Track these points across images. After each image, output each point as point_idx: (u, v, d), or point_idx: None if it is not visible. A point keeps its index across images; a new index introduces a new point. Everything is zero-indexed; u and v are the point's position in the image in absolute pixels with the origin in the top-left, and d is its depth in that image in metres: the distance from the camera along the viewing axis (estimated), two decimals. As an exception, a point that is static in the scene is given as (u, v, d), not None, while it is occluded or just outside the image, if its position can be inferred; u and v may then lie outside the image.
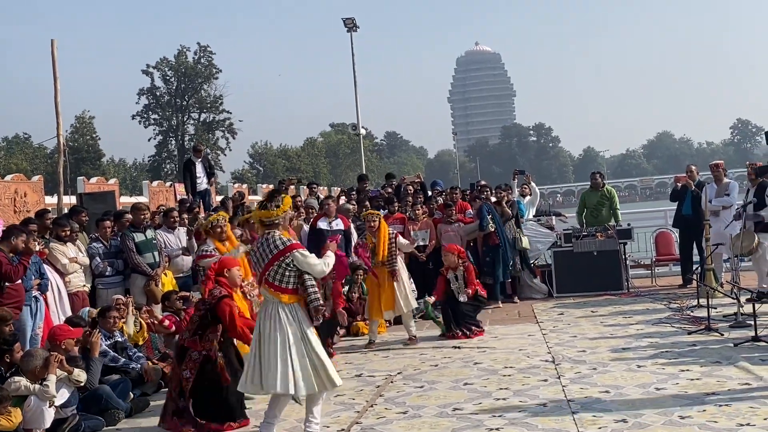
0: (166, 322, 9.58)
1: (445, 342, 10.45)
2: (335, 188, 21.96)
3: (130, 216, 11.03)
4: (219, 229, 9.48)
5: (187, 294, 10.28)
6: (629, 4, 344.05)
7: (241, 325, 6.89)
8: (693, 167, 14.17)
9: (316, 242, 12.70)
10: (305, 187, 17.70)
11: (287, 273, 6.43)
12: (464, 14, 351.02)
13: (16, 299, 8.43)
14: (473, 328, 10.83)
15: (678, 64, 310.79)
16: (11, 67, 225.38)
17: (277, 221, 6.60)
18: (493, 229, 13.17)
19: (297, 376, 6.25)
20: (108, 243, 10.58)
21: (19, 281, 8.51)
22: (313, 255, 6.62)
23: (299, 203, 13.53)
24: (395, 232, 11.17)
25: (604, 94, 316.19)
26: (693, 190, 13.31)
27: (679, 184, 13.85)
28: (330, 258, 6.68)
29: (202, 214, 13.46)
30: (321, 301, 6.47)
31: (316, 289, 6.49)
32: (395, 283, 10.56)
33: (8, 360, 7.21)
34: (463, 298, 10.90)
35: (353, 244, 12.57)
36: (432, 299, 11.11)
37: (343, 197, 16.19)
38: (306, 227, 13.08)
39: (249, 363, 6.47)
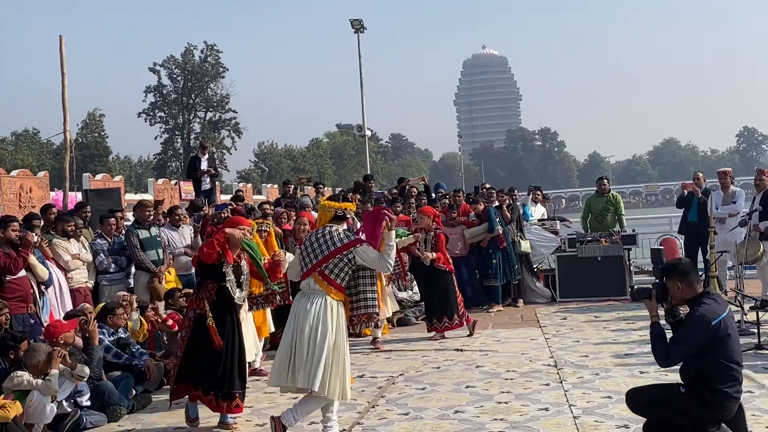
0: (170, 321, 9.59)
1: (447, 344, 10.45)
2: (339, 189, 21.97)
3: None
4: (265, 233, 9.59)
5: (191, 291, 10.27)
6: (636, 10, 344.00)
7: (212, 249, 6.70)
8: (700, 174, 14.16)
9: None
10: (311, 187, 17.72)
11: (345, 269, 6.36)
12: (471, 17, 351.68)
13: (20, 293, 8.42)
14: (445, 320, 10.91)
15: (685, 71, 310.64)
16: (21, 63, 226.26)
17: (348, 215, 6.59)
18: (500, 232, 13.19)
19: (324, 374, 6.15)
20: (112, 239, 10.60)
21: (24, 273, 8.51)
22: (375, 251, 6.44)
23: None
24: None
25: (610, 99, 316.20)
26: (699, 198, 13.29)
27: (686, 191, 13.82)
28: (390, 249, 6.45)
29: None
30: (377, 309, 6.40)
31: (375, 296, 6.40)
32: (384, 287, 10.54)
33: (13, 357, 7.23)
34: (426, 262, 10.96)
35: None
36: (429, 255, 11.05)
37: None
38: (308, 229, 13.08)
39: (281, 353, 6.35)
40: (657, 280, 5.65)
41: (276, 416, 6.30)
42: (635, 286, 6.02)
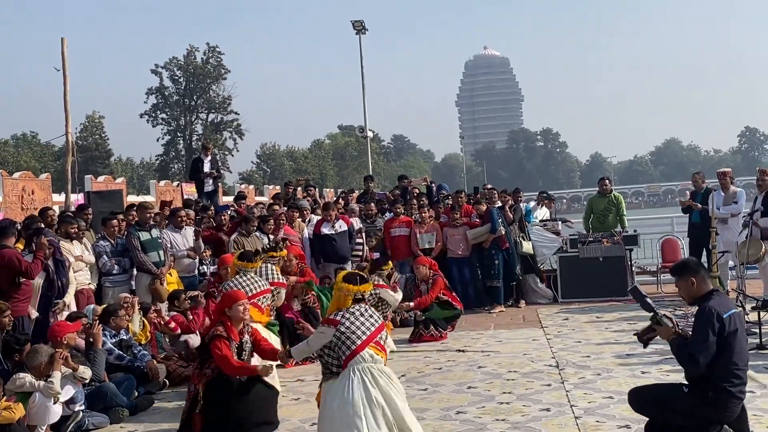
0: (172, 324, 9.61)
1: (449, 345, 10.45)
2: (339, 191, 22.03)
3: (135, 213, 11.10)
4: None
5: (196, 293, 10.30)
6: (638, 10, 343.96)
7: (234, 363, 6.59)
8: (699, 176, 14.22)
9: (321, 247, 12.77)
10: (300, 189, 17.72)
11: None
12: (473, 18, 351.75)
13: (27, 295, 8.50)
14: (440, 330, 10.99)
15: (686, 72, 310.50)
16: (21, 65, 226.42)
17: (363, 297, 6.25)
18: (503, 232, 13.21)
19: None
20: (115, 241, 10.61)
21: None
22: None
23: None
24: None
25: (611, 99, 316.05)
26: (695, 206, 13.33)
27: (688, 192, 13.83)
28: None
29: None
30: None
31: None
32: None
33: (17, 359, 7.25)
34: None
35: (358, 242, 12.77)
36: (411, 305, 11.11)
37: (342, 200, 16.22)
38: (307, 231, 13.12)
39: None
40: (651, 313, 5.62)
41: None
42: (636, 332, 6.02)
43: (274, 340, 8.30)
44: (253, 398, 6.76)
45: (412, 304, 11.06)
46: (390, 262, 10.69)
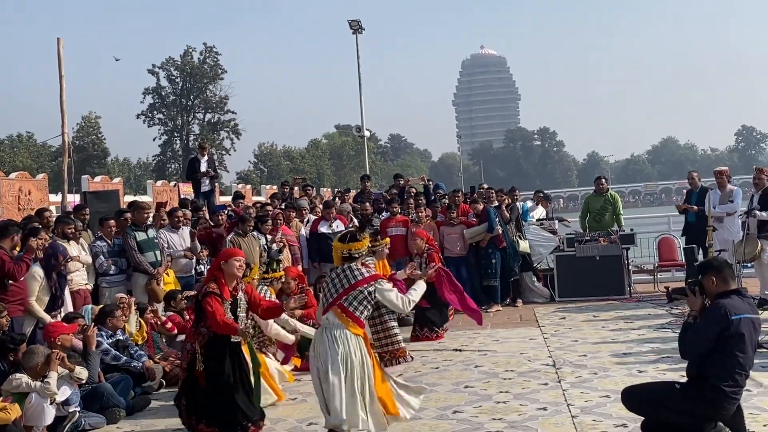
0: (169, 324, 9.60)
1: (446, 344, 10.45)
2: (336, 190, 22.04)
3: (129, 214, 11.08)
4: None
5: (192, 293, 10.28)
6: (635, 9, 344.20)
7: (223, 320, 6.52)
8: (695, 174, 14.30)
9: (318, 247, 12.76)
10: (298, 188, 17.72)
11: (365, 303, 6.26)
12: (470, 17, 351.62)
13: (20, 297, 8.48)
14: (435, 329, 10.99)
15: (683, 70, 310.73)
16: (17, 65, 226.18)
17: (356, 255, 6.49)
18: (500, 232, 13.21)
19: (352, 408, 6.02)
20: (111, 241, 10.60)
21: (23, 279, 8.56)
22: (395, 290, 6.46)
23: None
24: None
25: (609, 99, 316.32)
26: (690, 208, 13.40)
27: (684, 191, 13.87)
28: (416, 294, 6.57)
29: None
30: (403, 345, 6.31)
31: (397, 332, 6.30)
32: None
33: (12, 359, 7.25)
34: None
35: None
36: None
37: (338, 199, 16.23)
38: (304, 230, 13.12)
39: (316, 393, 6.28)
40: (691, 280, 5.71)
41: None
42: (670, 287, 6.11)
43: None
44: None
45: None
46: (387, 238, 10.68)
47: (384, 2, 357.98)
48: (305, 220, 13.52)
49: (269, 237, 11.98)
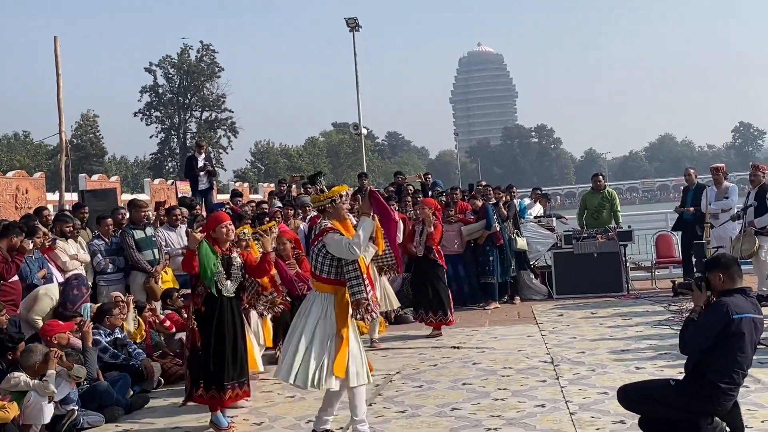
0: (167, 323, 9.60)
1: (443, 342, 10.46)
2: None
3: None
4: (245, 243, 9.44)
5: (188, 291, 10.28)
6: (632, 6, 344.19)
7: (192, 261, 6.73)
8: (692, 170, 14.39)
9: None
10: (296, 186, 17.73)
11: (320, 259, 6.23)
12: (467, 15, 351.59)
13: (12, 296, 8.51)
14: (441, 315, 11.02)
15: (681, 67, 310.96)
16: (14, 64, 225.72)
17: (322, 207, 6.41)
18: (498, 229, 13.22)
19: (300, 366, 6.09)
20: (109, 240, 10.60)
21: (16, 278, 8.57)
22: (343, 237, 6.12)
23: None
24: None
25: (606, 96, 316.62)
26: (686, 210, 13.44)
27: (681, 188, 13.90)
28: (362, 233, 6.08)
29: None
30: (363, 295, 6.13)
31: (359, 281, 6.12)
32: (378, 280, 10.45)
33: (11, 358, 7.24)
34: (420, 252, 11.12)
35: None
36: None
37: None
38: (303, 226, 13.11)
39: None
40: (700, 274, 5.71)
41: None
42: (677, 281, 6.10)
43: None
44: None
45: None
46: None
47: (381, 0, 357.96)
48: (308, 217, 13.51)
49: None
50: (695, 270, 12.98)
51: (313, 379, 6.08)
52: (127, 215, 11.04)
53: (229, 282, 6.93)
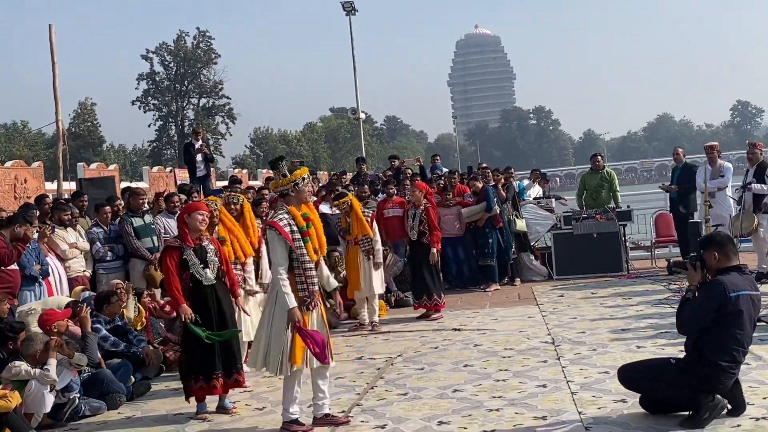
0: (167, 308, 9.59)
1: (444, 324, 10.47)
2: (332, 173, 22.04)
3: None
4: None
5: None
6: None
7: (171, 281, 6.72)
8: (680, 150, 14.55)
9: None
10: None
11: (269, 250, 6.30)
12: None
13: (10, 284, 8.54)
14: (426, 299, 11.05)
15: (678, 46, 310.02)
16: (9, 53, 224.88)
17: (284, 191, 6.34)
18: (497, 211, 13.21)
19: (270, 354, 6.18)
20: (108, 228, 10.59)
21: (15, 267, 8.57)
22: (280, 248, 6.07)
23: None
24: (371, 212, 11.06)
25: (604, 76, 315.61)
26: (666, 186, 13.83)
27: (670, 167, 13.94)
28: (285, 290, 6.04)
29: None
30: (309, 291, 6.13)
31: (301, 272, 6.10)
32: (362, 265, 10.48)
33: (11, 347, 7.25)
34: (413, 236, 11.16)
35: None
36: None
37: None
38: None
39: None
40: (694, 254, 5.69)
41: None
42: (672, 260, 6.10)
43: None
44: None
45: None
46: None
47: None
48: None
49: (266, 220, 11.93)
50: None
51: (280, 366, 6.12)
52: (122, 204, 11.05)
53: (208, 270, 6.87)
